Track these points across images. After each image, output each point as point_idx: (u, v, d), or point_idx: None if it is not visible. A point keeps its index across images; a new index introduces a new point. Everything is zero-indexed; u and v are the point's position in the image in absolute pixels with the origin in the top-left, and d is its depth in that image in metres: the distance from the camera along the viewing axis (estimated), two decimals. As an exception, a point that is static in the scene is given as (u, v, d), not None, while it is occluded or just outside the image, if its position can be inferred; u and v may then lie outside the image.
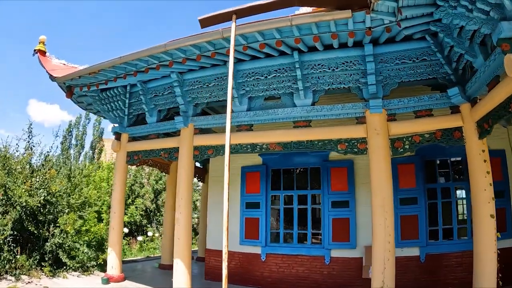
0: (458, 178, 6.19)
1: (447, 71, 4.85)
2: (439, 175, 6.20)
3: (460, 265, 5.71)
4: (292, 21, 4.22)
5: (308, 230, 6.60)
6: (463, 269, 5.68)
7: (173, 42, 5.12)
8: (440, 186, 6.10)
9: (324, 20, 4.14)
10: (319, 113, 5.33)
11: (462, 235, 5.84)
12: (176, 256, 5.77)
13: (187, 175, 6.02)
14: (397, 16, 4.22)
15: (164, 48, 5.13)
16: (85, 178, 9.25)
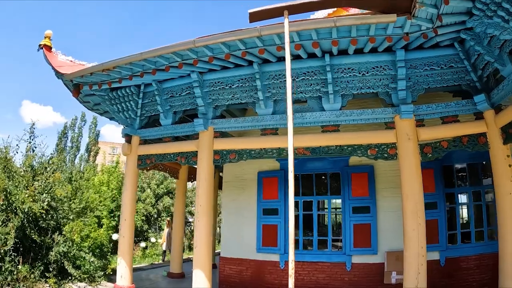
0: (475, 183, 6.48)
1: (472, 78, 5.13)
2: (457, 180, 6.46)
3: (477, 267, 5.98)
4: (336, 22, 4.33)
5: (328, 236, 6.69)
6: (481, 271, 5.96)
7: (202, 39, 5.09)
8: (458, 191, 6.35)
9: (369, 22, 4.29)
10: (349, 117, 5.45)
11: (479, 239, 6.10)
12: (196, 266, 5.67)
13: (207, 181, 5.95)
14: (435, 23, 4.43)
15: (193, 45, 5.08)
16: (85, 182, 8.90)
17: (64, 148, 17.77)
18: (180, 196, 9.03)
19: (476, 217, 6.29)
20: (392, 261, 6.10)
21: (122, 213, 6.73)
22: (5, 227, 5.99)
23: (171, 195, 13.85)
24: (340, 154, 5.53)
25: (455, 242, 6.12)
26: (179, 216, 8.89)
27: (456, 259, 5.92)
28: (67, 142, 18.21)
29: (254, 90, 5.86)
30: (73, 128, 18.86)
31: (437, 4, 4.15)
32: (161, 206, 13.37)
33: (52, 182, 6.90)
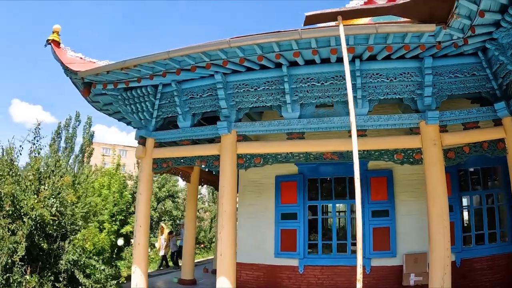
0: (488, 186, 6.95)
1: (493, 86, 5.56)
2: (471, 184, 6.90)
3: (490, 268, 6.43)
4: (378, 29, 4.57)
5: (347, 240, 6.94)
6: (494, 272, 6.43)
7: (237, 40, 5.17)
8: (472, 194, 6.79)
9: (411, 31, 4.59)
10: (376, 122, 5.73)
11: (492, 240, 6.56)
12: (221, 274, 5.67)
13: (231, 186, 6.02)
14: (466, 33, 4.80)
15: (227, 45, 5.14)
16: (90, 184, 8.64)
17: (58, 148, 17.16)
18: (192, 199, 9.02)
19: (489, 219, 6.74)
20: (411, 263, 6.43)
21: (136, 219, 6.65)
22: (14, 236, 5.73)
23: (172, 198, 13.71)
24: (367, 158, 5.78)
25: (469, 244, 6.52)
26: (190, 220, 8.86)
27: (470, 260, 6.33)
28: (61, 143, 17.59)
29: (281, 93, 6.01)
30: (67, 128, 18.29)
31: (471, 16, 4.52)
32: (162, 209, 13.23)
33: (60, 186, 6.68)
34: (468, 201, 6.87)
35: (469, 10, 4.43)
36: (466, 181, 6.94)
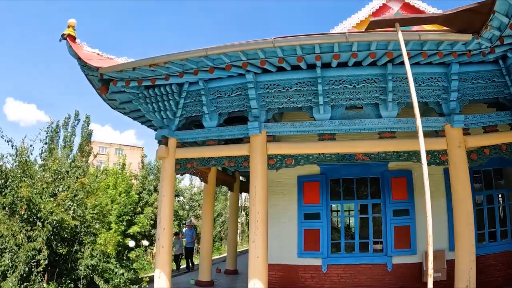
0: (500, 186, 7.70)
1: (510, 92, 6.22)
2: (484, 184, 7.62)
3: (503, 263, 7.12)
4: (421, 36, 5.04)
5: (370, 239, 7.44)
6: (506, 267, 7.15)
7: (282, 40, 5.44)
8: (486, 194, 7.50)
9: (450, 39, 5.16)
10: (405, 125, 6.25)
11: (503, 237, 7.29)
12: (254, 276, 5.92)
13: (263, 187, 6.30)
14: (494, 43, 5.39)
15: (271, 44, 5.41)
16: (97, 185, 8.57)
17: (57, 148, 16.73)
18: (209, 200, 9.22)
19: (501, 217, 7.48)
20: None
21: (160, 222, 6.76)
22: (33, 242, 5.71)
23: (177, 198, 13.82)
24: (396, 159, 6.28)
25: (483, 241, 7.19)
26: (208, 220, 9.04)
27: (485, 256, 6.97)
28: (59, 142, 17.11)
29: (312, 94, 6.37)
30: (66, 127, 17.93)
31: (501, 28, 5.10)
32: None
33: (78, 188, 6.67)
34: (481, 200, 7.56)
35: (500, 22, 5.00)
36: (479, 181, 7.63)
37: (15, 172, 6.54)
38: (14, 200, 6.30)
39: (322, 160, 6.40)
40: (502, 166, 7.72)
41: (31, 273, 5.72)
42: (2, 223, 5.91)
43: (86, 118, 18.49)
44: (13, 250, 5.83)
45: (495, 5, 4.49)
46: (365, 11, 9.40)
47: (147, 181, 13.23)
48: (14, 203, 6.31)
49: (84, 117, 18.54)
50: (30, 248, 5.72)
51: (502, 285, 6.87)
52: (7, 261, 5.71)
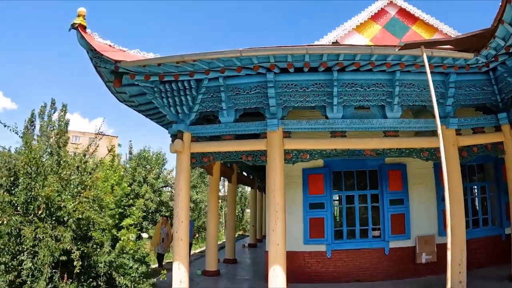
0: (482, 179, 9.29)
1: (497, 99, 7.67)
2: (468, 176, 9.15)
3: (484, 247, 8.77)
4: (433, 53, 6.16)
5: (369, 226, 8.79)
6: (486, 250, 8.75)
7: (315, 48, 6.40)
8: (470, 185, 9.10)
9: (457, 56, 6.38)
10: (408, 125, 7.48)
11: (485, 224, 8.93)
12: (275, 263, 6.92)
13: (281, 180, 7.26)
14: (489, 59, 6.68)
15: (305, 51, 6.32)
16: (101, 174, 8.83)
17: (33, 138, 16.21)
18: (214, 192, 10.03)
19: (482, 206, 9.08)
20: (422, 244, 8.50)
21: (177, 215, 7.44)
22: (61, 243, 6.00)
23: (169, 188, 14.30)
24: (399, 155, 7.52)
25: (468, 227, 8.70)
26: (213, 211, 9.85)
27: (469, 241, 8.37)
28: (35, 131, 16.69)
29: (327, 94, 7.39)
30: (42, 116, 17.33)
31: (497, 48, 6.38)
32: (158, 201, 13.75)
33: (92, 184, 7.14)
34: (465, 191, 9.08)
35: (497, 44, 6.30)
36: (464, 175, 9.13)
37: (27, 169, 6.74)
38: (27, 199, 6.52)
39: (334, 155, 7.51)
40: (483, 162, 9.29)
41: (54, 276, 6.08)
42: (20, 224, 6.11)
43: (63, 107, 18.17)
44: (32, 251, 6.08)
45: (497, 31, 5.69)
46: (364, 14, 10.59)
47: (136, 172, 13.65)
48: (27, 202, 6.54)
49: (61, 106, 18.14)
50: (59, 249, 6.03)
51: (483, 266, 8.56)
52: (29, 264, 5.92)
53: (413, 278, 8.35)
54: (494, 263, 8.58)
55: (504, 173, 8.18)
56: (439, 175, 8.91)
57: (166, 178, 15.34)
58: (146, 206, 12.97)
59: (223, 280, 9.26)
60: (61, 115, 17.77)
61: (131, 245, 7.26)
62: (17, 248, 6.21)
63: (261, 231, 20.77)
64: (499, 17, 5.59)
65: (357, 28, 10.54)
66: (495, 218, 9.33)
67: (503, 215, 9.13)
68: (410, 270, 8.55)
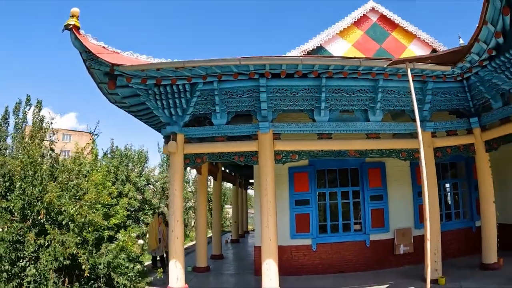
0: (454, 176, 10.23)
1: (469, 105, 8.54)
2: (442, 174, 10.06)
3: (456, 238, 9.71)
4: (414, 65, 6.85)
5: (351, 220, 9.57)
6: (459, 241, 9.75)
7: (310, 58, 6.99)
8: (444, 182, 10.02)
9: (436, 69, 7.14)
10: (388, 128, 8.25)
11: (457, 217, 9.89)
12: (268, 257, 7.49)
13: (272, 179, 7.84)
14: (464, 70, 7.47)
15: (299, 61, 6.96)
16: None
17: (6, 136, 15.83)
18: (203, 190, 10.49)
19: (455, 201, 10.02)
20: (400, 237, 9.35)
21: (173, 214, 7.87)
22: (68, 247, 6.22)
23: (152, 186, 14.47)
24: (380, 156, 8.26)
25: (442, 220, 9.61)
26: (202, 209, 10.31)
27: (443, 232, 9.21)
28: (9, 129, 16.31)
29: (315, 99, 7.99)
30: (16, 113, 16.90)
31: (472, 62, 7.19)
32: (141, 199, 13.96)
33: (89, 187, 7.40)
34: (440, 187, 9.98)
35: (472, 58, 7.08)
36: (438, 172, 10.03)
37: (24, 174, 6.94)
38: (25, 204, 6.73)
39: (321, 155, 8.15)
40: (455, 160, 10.23)
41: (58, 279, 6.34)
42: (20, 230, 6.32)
43: (37, 103, 17.92)
44: (33, 257, 6.32)
45: (472, 48, 6.47)
46: (347, 20, 11.27)
47: (119, 171, 13.80)
48: (24, 207, 6.74)
49: (36, 102, 17.87)
50: (66, 253, 6.28)
51: (456, 256, 9.51)
52: (32, 271, 6.13)
53: (392, 268, 9.20)
54: (466, 253, 9.58)
55: (475, 171, 9.19)
56: (415, 173, 9.80)
57: (149, 176, 15.59)
58: (130, 204, 13.20)
59: (214, 275, 9.79)
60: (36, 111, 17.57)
61: (129, 246, 7.56)
62: (17, 255, 6.40)
63: (243, 226, 21.44)
64: (475, 36, 6.44)
65: (341, 33, 11.20)
66: (466, 212, 10.35)
67: (474, 209, 10.14)
68: (389, 261, 9.40)
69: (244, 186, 22.22)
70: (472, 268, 8.45)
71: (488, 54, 6.86)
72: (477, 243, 8.95)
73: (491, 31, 6.41)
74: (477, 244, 8.93)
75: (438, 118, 8.75)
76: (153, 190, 15.92)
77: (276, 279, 7.38)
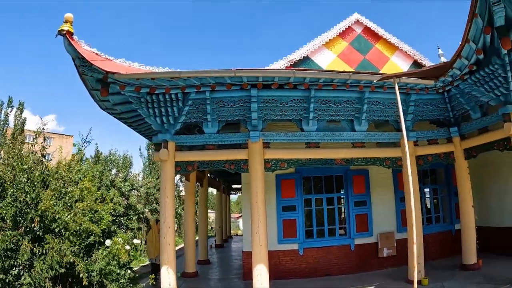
0: (434, 182, 10.81)
1: (449, 115, 9.09)
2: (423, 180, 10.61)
3: (437, 241, 10.26)
4: (400, 79, 7.29)
5: (336, 225, 9.99)
6: (439, 243, 10.29)
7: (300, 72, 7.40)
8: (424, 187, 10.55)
9: (420, 83, 7.66)
10: (373, 137, 8.69)
11: (437, 221, 10.45)
12: (259, 262, 7.77)
13: (261, 187, 8.13)
14: (445, 84, 7.98)
15: (292, 74, 7.23)
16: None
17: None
18: (191, 196, 10.67)
19: (435, 206, 10.57)
20: (383, 240, 9.82)
21: (164, 221, 8.03)
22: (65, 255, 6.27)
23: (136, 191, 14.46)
24: (365, 164, 8.68)
25: (423, 224, 10.13)
26: (190, 215, 10.49)
27: (425, 236, 9.75)
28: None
29: (304, 109, 8.33)
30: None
31: (454, 76, 7.68)
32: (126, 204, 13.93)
33: (82, 193, 7.48)
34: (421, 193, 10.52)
35: (454, 73, 7.58)
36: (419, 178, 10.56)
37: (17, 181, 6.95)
38: (17, 211, 6.72)
39: (309, 164, 8.51)
40: (435, 167, 10.81)
41: (53, 287, 6.41)
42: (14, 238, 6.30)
43: (19, 105, 17.68)
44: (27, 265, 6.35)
45: (455, 63, 6.97)
46: (333, 32, 11.71)
47: (104, 176, 13.75)
48: (17, 214, 6.73)
49: (18, 104, 17.64)
50: (61, 262, 6.33)
51: (437, 257, 10.09)
52: (27, 279, 6.13)
53: (376, 271, 9.68)
54: (447, 255, 10.18)
55: (454, 177, 9.78)
56: (397, 180, 10.31)
57: (133, 181, 15.59)
58: (115, 210, 13.20)
59: (204, 281, 9.99)
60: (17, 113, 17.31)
61: (123, 254, 7.63)
62: (10, 263, 6.39)
63: (226, 231, 21.65)
64: (458, 53, 6.97)
65: (326, 44, 11.64)
66: (446, 216, 10.98)
67: (453, 214, 10.78)
68: (373, 263, 9.87)
69: (228, 192, 22.45)
70: (453, 269, 8.97)
71: (469, 69, 7.38)
72: (456, 245, 9.57)
73: (472, 48, 6.93)
74: (456, 246, 9.54)
75: (420, 127, 9.28)
76: (138, 195, 15.93)
77: (267, 284, 7.67)
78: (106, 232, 10.81)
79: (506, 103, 7.49)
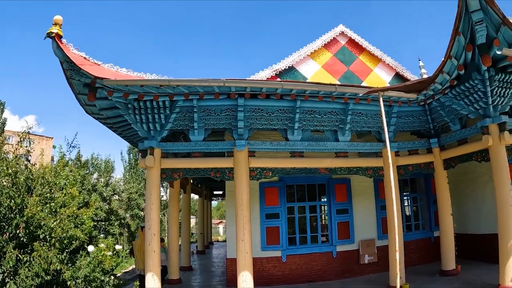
0: (413, 191, 11.20)
1: (430, 127, 9.48)
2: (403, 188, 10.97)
3: (417, 248, 10.66)
4: (384, 92, 7.59)
5: (318, 233, 10.24)
6: (419, 250, 10.68)
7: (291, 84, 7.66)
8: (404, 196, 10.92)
9: (404, 96, 7.97)
10: (356, 147, 8.98)
11: (417, 229, 10.81)
12: (244, 269, 7.90)
13: (247, 195, 8.28)
14: (427, 97, 8.32)
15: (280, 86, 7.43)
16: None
17: None
18: (175, 203, 10.72)
19: (415, 213, 10.94)
20: (365, 247, 10.11)
21: (150, 228, 8.04)
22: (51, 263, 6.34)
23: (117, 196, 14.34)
24: (347, 173, 8.96)
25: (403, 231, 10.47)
26: (174, 222, 10.54)
27: (405, 242, 10.08)
28: None
29: (289, 119, 8.56)
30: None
31: (435, 90, 8.04)
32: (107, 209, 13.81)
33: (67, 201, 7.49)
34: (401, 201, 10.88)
35: (435, 87, 7.91)
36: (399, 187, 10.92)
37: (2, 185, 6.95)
38: (1, 217, 6.72)
39: (293, 173, 8.71)
40: (415, 176, 11.19)
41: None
42: None
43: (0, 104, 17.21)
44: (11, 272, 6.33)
45: (437, 78, 7.34)
46: (318, 43, 12.01)
47: (85, 180, 13.64)
48: (1, 220, 6.74)
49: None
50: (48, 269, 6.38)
51: (417, 263, 10.46)
52: (13, 286, 6.15)
53: (358, 277, 9.99)
54: (426, 261, 10.58)
55: (433, 186, 10.17)
56: (378, 188, 10.66)
57: (115, 186, 15.48)
58: (96, 215, 13.13)
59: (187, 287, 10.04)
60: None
61: (108, 260, 7.66)
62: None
63: (207, 238, 21.65)
64: (440, 68, 7.38)
65: (311, 54, 11.93)
66: (425, 224, 11.41)
67: (432, 221, 11.20)
68: (355, 270, 10.15)
69: (209, 198, 22.50)
70: (432, 275, 9.32)
71: (450, 83, 7.76)
72: (436, 251, 9.99)
73: (454, 64, 7.31)
74: (436, 253, 9.94)
75: (401, 138, 9.65)
76: (119, 200, 15.82)
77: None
78: (88, 238, 10.82)
79: (485, 116, 7.91)
